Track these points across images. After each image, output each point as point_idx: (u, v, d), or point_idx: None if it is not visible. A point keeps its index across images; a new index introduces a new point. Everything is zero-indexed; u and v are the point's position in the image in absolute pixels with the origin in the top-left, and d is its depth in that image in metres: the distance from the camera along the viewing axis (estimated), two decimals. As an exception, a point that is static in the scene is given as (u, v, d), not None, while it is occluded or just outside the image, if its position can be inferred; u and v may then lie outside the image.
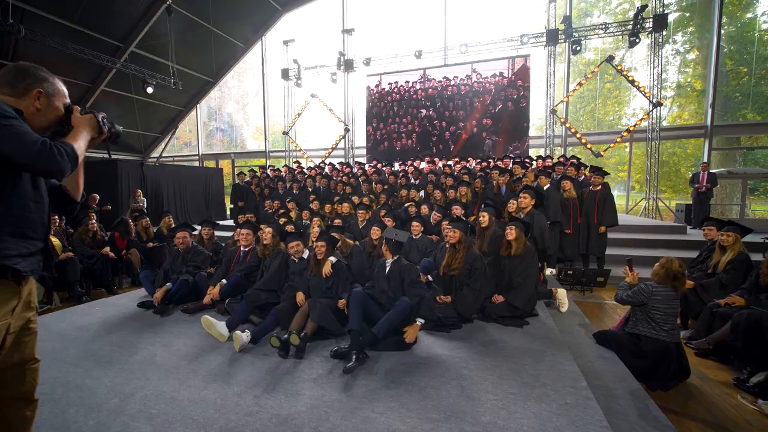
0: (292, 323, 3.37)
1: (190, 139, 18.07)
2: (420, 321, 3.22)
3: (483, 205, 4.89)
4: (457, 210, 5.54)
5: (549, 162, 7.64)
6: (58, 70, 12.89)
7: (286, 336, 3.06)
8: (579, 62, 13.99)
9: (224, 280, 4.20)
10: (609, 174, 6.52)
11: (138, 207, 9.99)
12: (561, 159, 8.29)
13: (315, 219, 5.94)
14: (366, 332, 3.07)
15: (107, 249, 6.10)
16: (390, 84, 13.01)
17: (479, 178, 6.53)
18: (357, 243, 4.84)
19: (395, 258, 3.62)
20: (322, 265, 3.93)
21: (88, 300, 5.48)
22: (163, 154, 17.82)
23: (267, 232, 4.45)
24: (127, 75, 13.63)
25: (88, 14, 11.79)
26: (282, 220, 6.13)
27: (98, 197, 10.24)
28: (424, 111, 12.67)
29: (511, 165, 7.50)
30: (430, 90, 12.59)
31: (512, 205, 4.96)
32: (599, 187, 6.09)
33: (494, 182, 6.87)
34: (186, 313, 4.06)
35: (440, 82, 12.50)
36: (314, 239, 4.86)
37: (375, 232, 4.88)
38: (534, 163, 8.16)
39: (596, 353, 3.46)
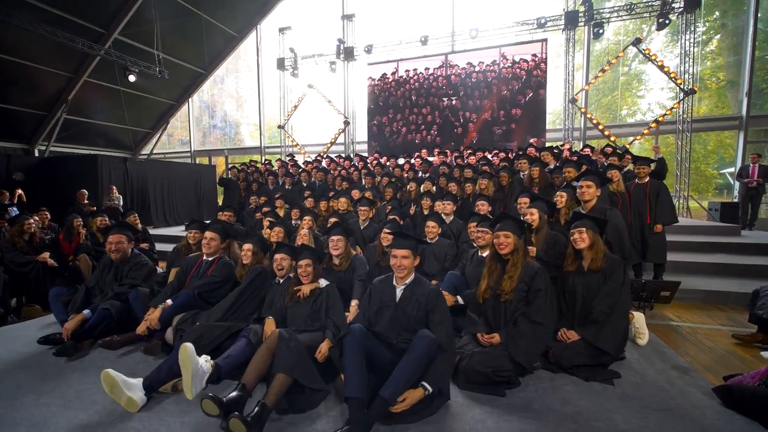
0: (247, 371, 2.05)
1: (185, 136, 16.72)
2: (427, 388, 1.90)
3: (530, 199, 3.52)
4: (483, 206, 4.18)
5: (587, 151, 6.29)
6: (37, 58, 11.57)
7: (234, 393, 1.73)
8: (593, 52, 12.66)
9: (170, 300, 2.84)
10: (654, 161, 5.19)
11: (113, 206, 8.63)
12: (587, 149, 6.92)
13: (305, 218, 4.60)
14: (373, 404, 1.74)
15: (46, 255, 4.73)
16: (407, 71, 11.52)
17: (505, 169, 5.18)
18: (360, 252, 3.49)
19: (412, 276, 2.27)
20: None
21: (14, 320, 4.13)
22: (155, 151, 16.46)
23: (246, 250, 3.16)
24: (113, 66, 12.31)
25: (66, -3, 10.46)
26: (266, 221, 4.79)
27: (87, 193, 8.89)
28: (446, 100, 11.14)
29: (536, 153, 6.15)
30: (452, 77, 11.04)
31: (561, 199, 3.61)
32: (646, 179, 4.75)
33: (522, 174, 5.53)
34: (108, 349, 2.71)
35: (464, 69, 10.95)
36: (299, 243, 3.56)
37: (386, 237, 3.52)
38: (562, 152, 6.80)
39: (735, 426, 2.11)
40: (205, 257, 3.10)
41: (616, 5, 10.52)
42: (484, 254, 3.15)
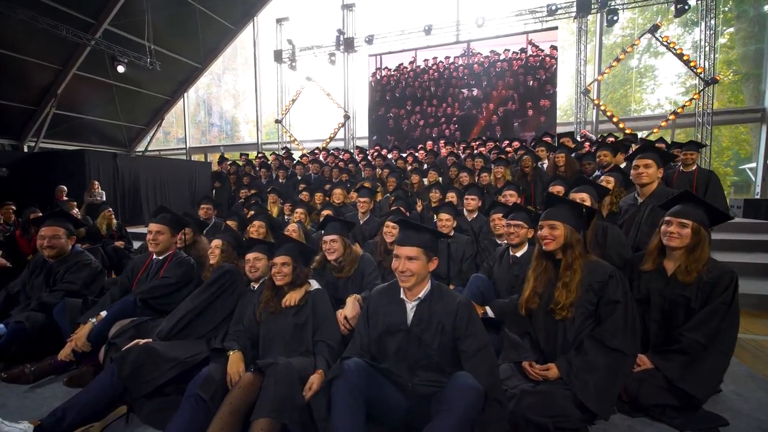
0: None
1: (182, 134, 15.99)
2: None
3: (571, 184, 2.79)
4: (512, 197, 3.46)
5: (612, 139, 5.58)
6: (23, 49, 10.83)
7: None
8: (605, 44, 11.94)
9: (104, 312, 2.12)
10: (705, 146, 4.45)
11: (94, 202, 7.91)
12: (611, 138, 6.20)
13: (297, 211, 3.89)
14: None
15: (-5, 254, 4.03)
16: (426, 60, 10.69)
17: (528, 155, 4.47)
18: (367, 254, 2.76)
19: (427, 288, 1.54)
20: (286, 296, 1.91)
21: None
22: (150, 148, 15.74)
23: (215, 247, 2.43)
24: (104, 59, 11.62)
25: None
26: (250, 214, 4.07)
27: (66, 189, 8.20)
28: (465, 91, 10.29)
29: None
30: (475, 66, 10.17)
31: (608, 185, 2.88)
32: (693, 167, 4.03)
33: (541, 163, 4.82)
34: (16, 383, 1.98)
35: (487, 57, 10.10)
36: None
37: (391, 231, 2.80)
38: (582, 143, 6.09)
39: None
40: (154, 256, 2.37)
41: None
42: (518, 254, 2.43)
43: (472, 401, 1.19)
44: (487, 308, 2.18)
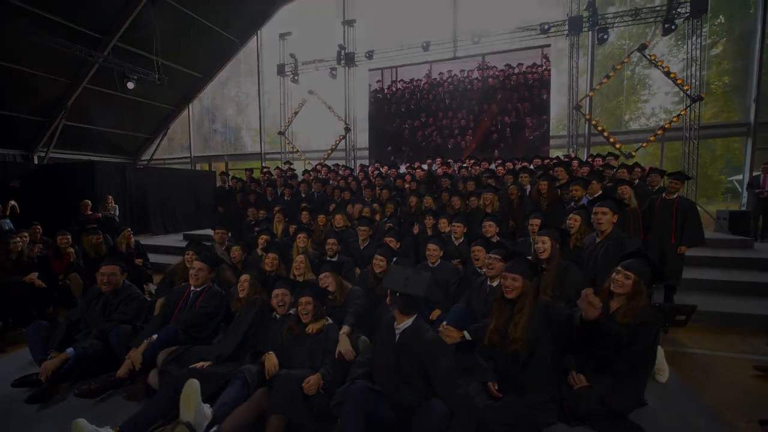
0: (228, 419, 1.89)
1: (185, 141, 16.49)
2: None
3: (538, 224, 3.28)
4: (491, 228, 3.94)
5: (600, 161, 6.04)
6: (34, 65, 11.38)
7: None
8: (596, 56, 12.38)
9: (156, 336, 2.64)
10: (690, 178, 4.92)
11: (108, 215, 8.42)
12: (608, 159, 6.61)
13: (299, 236, 4.36)
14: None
15: (33, 275, 4.52)
16: (441, 74, 11.10)
17: (514, 184, 4.94)
18: (356, 287, 3.25)
19: (411, 319, 2.07)
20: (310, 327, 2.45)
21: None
22: (155, 157, 16.28)
23: (243, 281, 2.95)
24: (113, 72, 12.13)
25: (64, 3, 10.26)
26: (262, 239, 4.55)
27: (90, 203, 8.48)
28: (485, 104, 10.69)
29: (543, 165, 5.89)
30: (490, 80, 10.62)
31: (574, 223, 3.37)
32: (675, 195, 4.50)
33: (527, 189, 5.27)
34: (86, 398, 2.48)
35: (502, 71, 10.54)
36: (295, 271, 3.35)
37: (379, 263, 3.30)
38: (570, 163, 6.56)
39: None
40: (192, 288, 2.89)
41: (620, 10, 10.27)
42: (494, 284, 2.93)
43: (438, 422, 1.71)
44: (465, 333, 2.68)
